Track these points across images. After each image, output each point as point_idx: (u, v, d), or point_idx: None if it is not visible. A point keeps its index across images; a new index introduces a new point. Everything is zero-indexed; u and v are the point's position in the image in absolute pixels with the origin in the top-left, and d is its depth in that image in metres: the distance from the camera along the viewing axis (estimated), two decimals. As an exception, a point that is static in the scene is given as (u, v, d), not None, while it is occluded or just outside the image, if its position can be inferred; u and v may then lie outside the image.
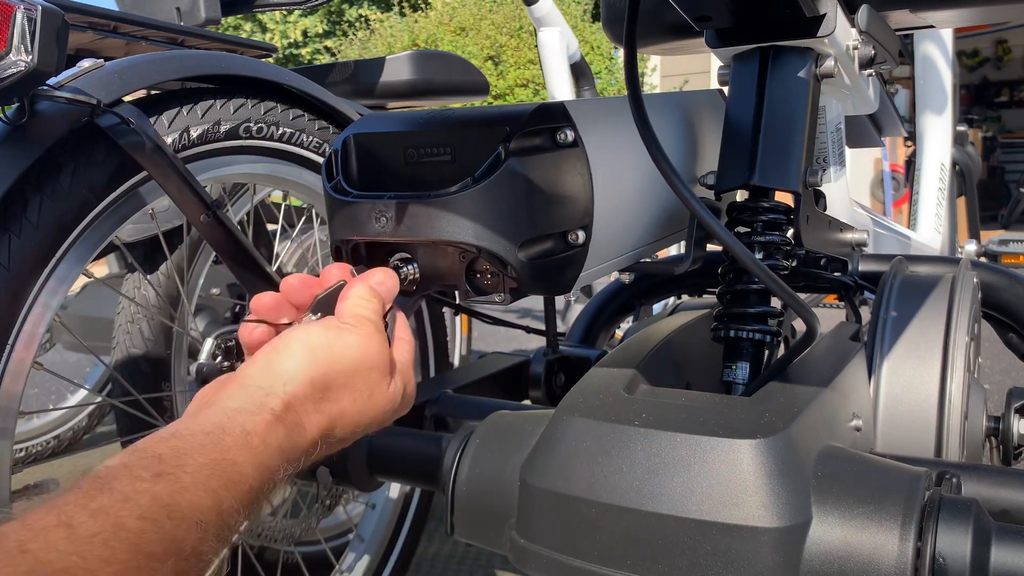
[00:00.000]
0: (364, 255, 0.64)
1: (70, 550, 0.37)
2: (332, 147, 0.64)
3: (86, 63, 0.77)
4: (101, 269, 2.08)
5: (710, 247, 0.76)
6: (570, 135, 0.59)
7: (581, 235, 0.60)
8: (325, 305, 0.59)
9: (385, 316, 0.59)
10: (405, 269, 0.62)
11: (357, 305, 0.58)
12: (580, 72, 2.26)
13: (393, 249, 0.63)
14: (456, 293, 0.63)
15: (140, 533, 0.40)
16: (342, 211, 0.62)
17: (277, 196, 1.37)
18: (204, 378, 0.73)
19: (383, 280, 0.61)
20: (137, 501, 0.41)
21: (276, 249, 1.47)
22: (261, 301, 0.58)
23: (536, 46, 2.23)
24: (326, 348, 0.54)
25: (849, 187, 1.10)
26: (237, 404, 0.51)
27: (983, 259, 1.04)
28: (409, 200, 0.58)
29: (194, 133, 0.87)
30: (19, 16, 0.62)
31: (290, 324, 0.58)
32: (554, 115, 0.59)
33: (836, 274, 0.82)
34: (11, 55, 0.63)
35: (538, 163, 0.58)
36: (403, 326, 0.63)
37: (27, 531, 0.37)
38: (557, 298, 1.18)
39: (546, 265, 0.59)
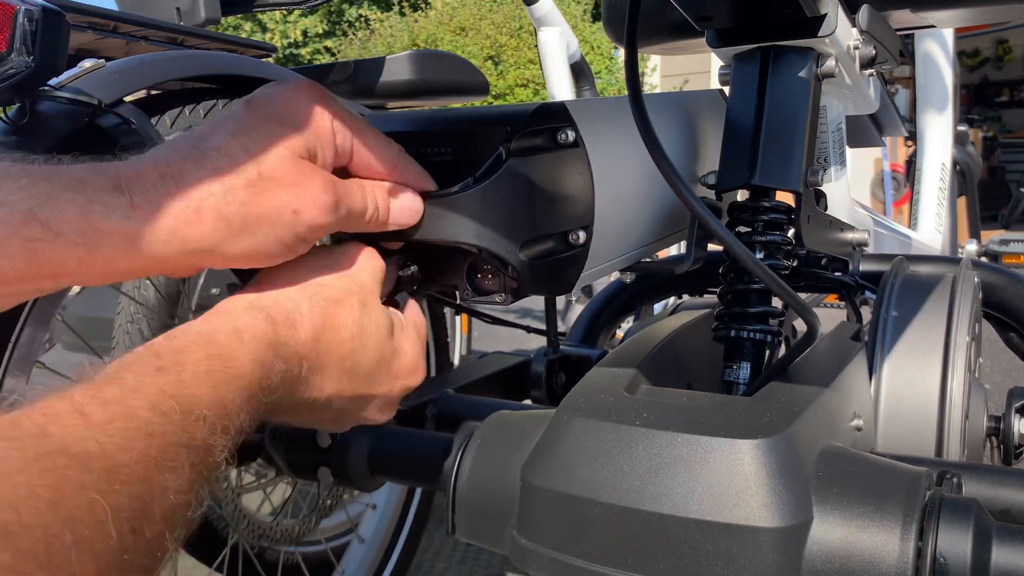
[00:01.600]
0: None
1: (87, 435, 0.37)
2: None
3: (87, 63, 0.77)
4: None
5: (711, 247, 0.76)
6: (571, 135, 0.59)
7: (582, 235, 0.60)
8: None
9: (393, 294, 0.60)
10: (406, 269, 0.62)
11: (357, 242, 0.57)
12: (580, 72, 2.26)
13: (393, 249, 0.63)
14: (457, 293, 0.63)
15: (151, 423, 0.40)
16: None
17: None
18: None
19: (394, 275, 0.61)
20: (145, 393, 0.41)
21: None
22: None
23: (536, 46, 2.23)
24: (317, 268, 0.54)
25: (850, 187, 1.10)
26: (224, 308, 0.51)
27: (984, 259, 1.04)
28: None
29: (194, 133, 0.87)
30: (20, 17, 0.63)
31: None
32: (555, 115, 0.59)
33: (837, 274, 0.82)
34: (12, 55, 0.63)
35: (539, 163, 0.58)
36: (414, 309, 0.62)
37: (43, 416, 0.37)
38: (558, 298, 1.18)
39: (547, 265, 0.59)
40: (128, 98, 0.80)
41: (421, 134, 0.60)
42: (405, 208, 0.57)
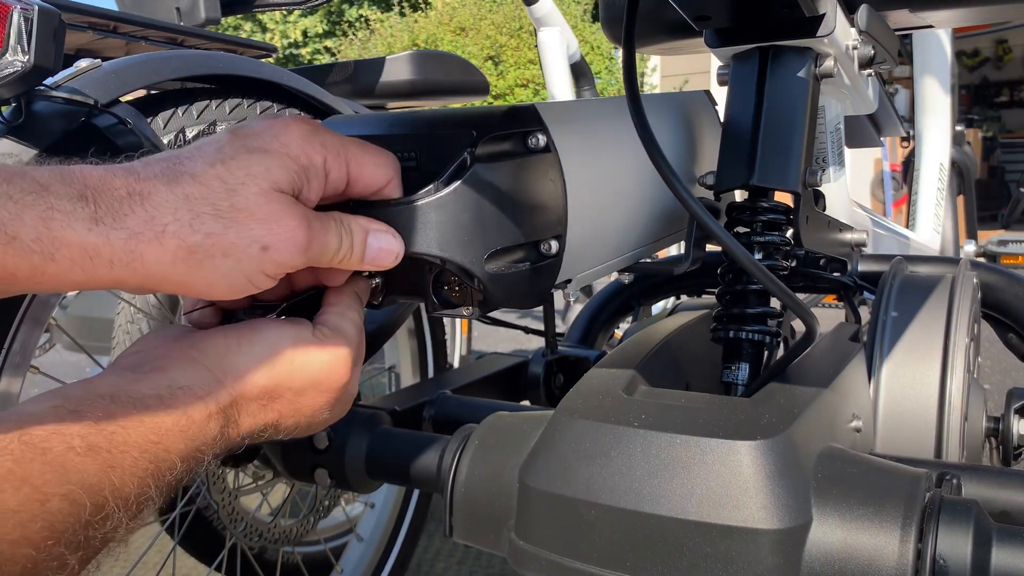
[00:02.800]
0: None
1: None
2: None
3: (83, 63, 0.76)
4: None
5: (709, 247, 0.76)
6: (542, 140, 0.57)
7: (554, 245, 0.58)
8: (297, 309, 0.56)
9: None
10: (368, 280, 0.59)
11: (340, 316, 0.55)
12: (580, 72, 2.26)
13: None
14: (423, 305, 0.60)
15: (57, 514, 0.39)
16: None
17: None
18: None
19: (364, 289, 0.58)
20: (66, 478, 0.40)
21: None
22: None
23: (536, 46, 2.23)
24: (288, 360, 0.52)
25: (849, 187, 1.10)
26: (186, 382, 0.48)
27: (982, 259, 1.04)
28: (367, 207, 0.55)
29: (190, 134, 0.87)
30: (15, 16, 0.62)
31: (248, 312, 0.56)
32: (524, 118, 0.57)
33: (835, 274, 0.82)
34: (7, 55, 0.63)
35: (507, 169, 0.55)
36: (360, 344, 0.59)
37: None
38: (557, 298, 1.18)
39: (516, 277, 0.57)
40: (125, 98, 0.79)
41: (383, 138, 0.57)
42: (383, 251, 0.54)
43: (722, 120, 0.78)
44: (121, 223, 0.44)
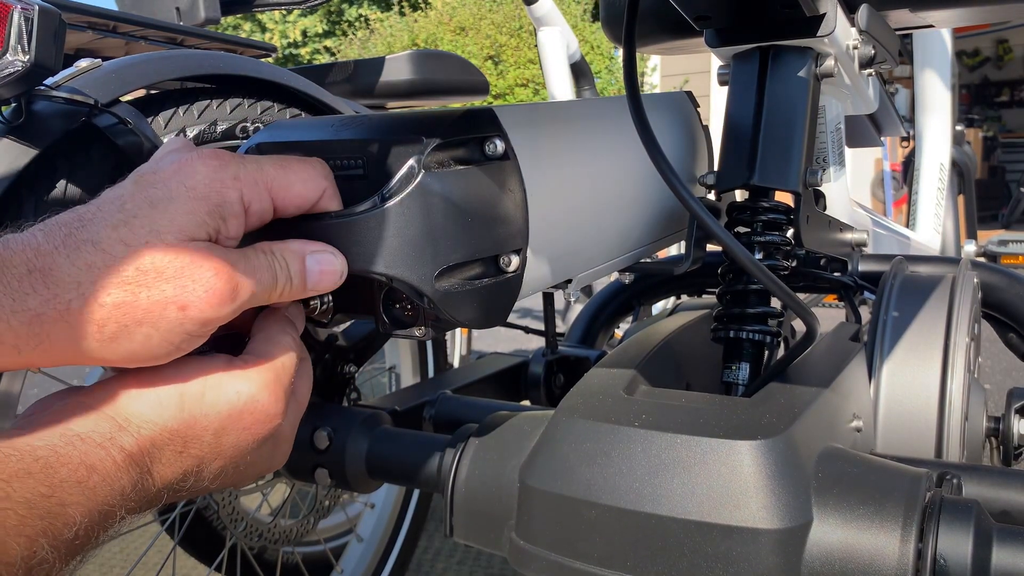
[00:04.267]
0: None
1: None
2: None
3: (83, 63, 0.76)
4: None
5: (710, 247, 0.76)
6: (499, 146, 0.53)
7: (514, 260, 0.54)
8: (228, 341, 0.52)
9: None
10: (316, 297, 0.55)
11: (267, 342, 0.50)
12: (580, 72, 2.26)
13: None
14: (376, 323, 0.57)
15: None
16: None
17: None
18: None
19: (297, 312, 0.54)
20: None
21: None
22: None
23: (536, 46, 2.23)
24: (197, 395, 0.46)
25: (849, 187, 1.10)
26: (83, 429, 0.42)
27: (982, 259, 1.04)
28: (308, 221, 0.51)
29: (190, 133, 0.87)
30: (16, 16, 0.62)
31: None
32: (480, 123, 0.53)
33: (836, 274, 0.82)
34: (8, 55, 0.63)
35: (460, 178, 0.51)
36: (305, 377, 0.55)
37: None
38: (557, 298, 1.18)
39: (472, 295, 0.53)
40: (125, 98, 0.79)
41: (328, 144, 0.54)
42: (325, 273, 0.49)
43: (707, 121, 0.79)
44: (22, 303, 0.41)
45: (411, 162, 0.50)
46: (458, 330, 1.99)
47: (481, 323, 0.55)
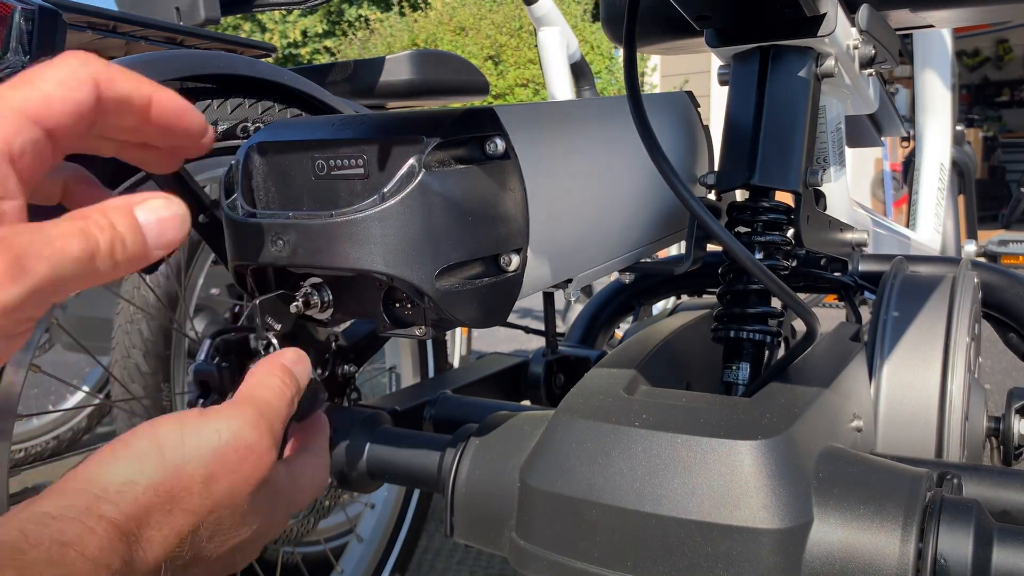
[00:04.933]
0: (271, 281, 0.58)
1: None
2: (235, 158, 0.57)
3: (83, 63, 0.76)
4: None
5: (710, 247, 0.76)
6: (500, 145, 0.53)
7: (514, 259, 0.54)
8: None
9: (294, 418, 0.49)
10: (316, 296, 0.56)
11: (253, 386, 0.47)
12: (580, 72, 2.26)
13: (304, 274, 0.57)
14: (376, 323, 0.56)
15: None
16: (236, 232, 0.55)
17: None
18: (202, 379, 0.72)
19: (296, 361, 0.51)
20: None
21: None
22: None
23: (536, 46, 2.23)
24: (177, 444, 0.42)
25: (849, 187, 1.10)
26: (53, 507, 0.37)
27: (982, 259, 1.04)
28: (309, 220, 0.51)
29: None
30: (16, 16, 0.62)
31: None
32: (481, 122, 0.53)
33: (836, 274, 0.82)
34: (8, 55, 0.63)
35: (460, 177, 0.51)
36: (321, 436, 0.52)
37: None
38: (557, 298, 1.18)
39: (472, 294, 0.53)
40: (125, 98, 0.79)
41: (331, 143, 0.53)
42: (164, 222, 0.39)
43: (707, 121, 0.78)
44: None
45: (412, 161, 0.50)
46: (458, 330, 1.98)
47: (481, 322, 0.55)
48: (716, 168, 0.73)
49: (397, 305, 0.54)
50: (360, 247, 0.50)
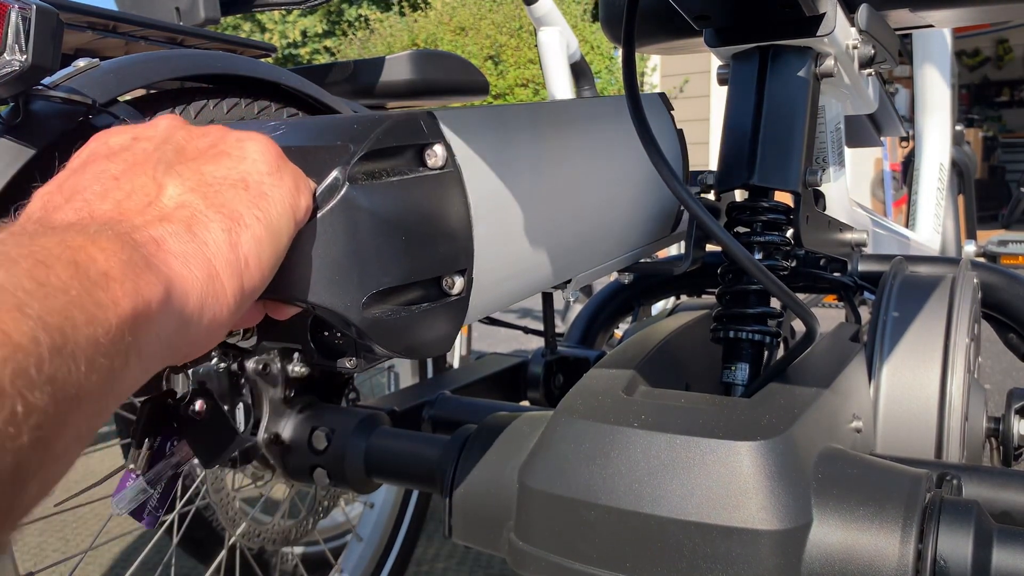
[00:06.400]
0: None
1: None
2: None
3: (81, 63, 0.76)
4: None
5: (709, 247, 0.76)
6: (440, 154, 0.48)
7: (458, 282, 0.49)
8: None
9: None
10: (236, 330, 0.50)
11: None
12: (580, 72, 2.26)
13: None
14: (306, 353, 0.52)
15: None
16: None
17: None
18: (200, 380, 0.72)
19: None
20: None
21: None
22: None
23: (536, 46, 2.22)
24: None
25: (849, 187, 1.10)
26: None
27: (982, 259, 1.03)
28: None
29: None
30: (13, 16, 0.62)
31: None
32: (418, 128, 0.48)
33: (836, 274, 0.82)
34: (5, 55, 0.63)
35: (393, 191, 0.46)
36: None
37: None
38: (556, 298, 1.18)
39: (409, 322, 0.47)
40: (123, 97, 0.79)
41: None
42: None
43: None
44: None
45: (335, 173, 0.44)
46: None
47: (421, 352, 0.49)
48: (716, 168, 0.73)
49: (326, 333, 0.50)
50: (280, 273, 0.44)
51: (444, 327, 0.50)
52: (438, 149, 0.48)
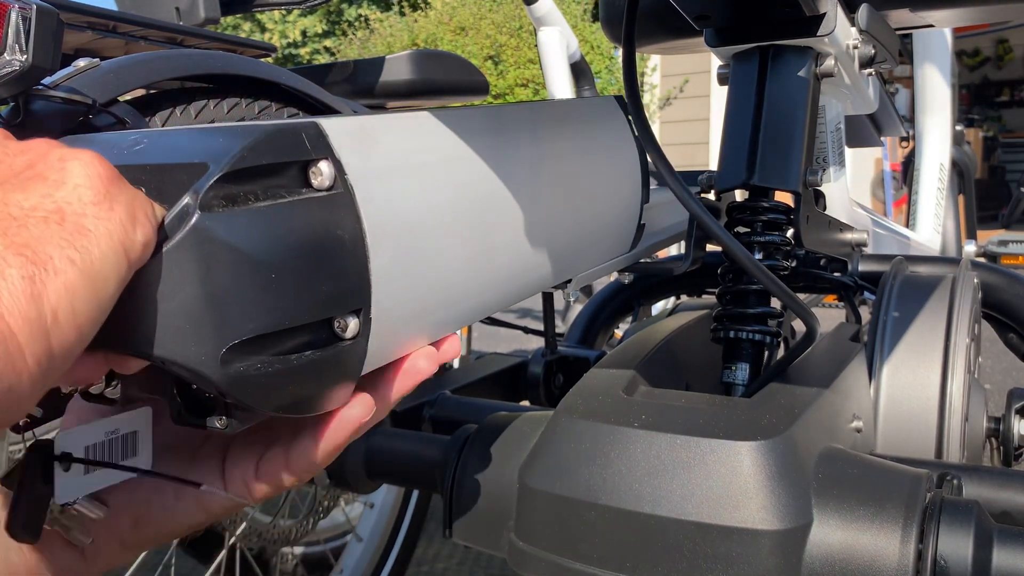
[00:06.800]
0: None
1: None
2: None
3: (81, 62, 0.76)
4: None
5: (710, 247, 0.76)
6: (327, 173, 0.40)
7: (351, 324, 0.41)
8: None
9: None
10: (100, 387, 0.44)
11: None
12: (580, 72, 2.26)
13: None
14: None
15: None
16: None
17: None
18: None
19: None
20: None
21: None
22: None
23: (536, 46, 2.23)
24: None
25: (849, 187, 1.10)
26: None
27: (982, 259, 1.04)
28: None
29: (191, 133, 0.87)
30: (13, 15, 0.62)
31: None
32: (296, 142, 0.39)
33: (836, 274, 0.82)
34: (5, 55, 0.62)
35: (260, 219, 0.38)
36: None
37: None
38: (556, 298, 1.18)
39: (285, 376, 0.39)
40: (123, 97, 0.79)
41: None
42: None
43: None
44: None
45: (186, 199, 0.36)
46: (458, 330, 1.98)
47: (305, 410, 0.42)
48: (716, 168, 0.73)
49: (194, 387, 0.41)
50: (118, 320, 0.36)
51: (335, 378, 0.42)
52: (323, 167, 0.40)
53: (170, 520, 0.47)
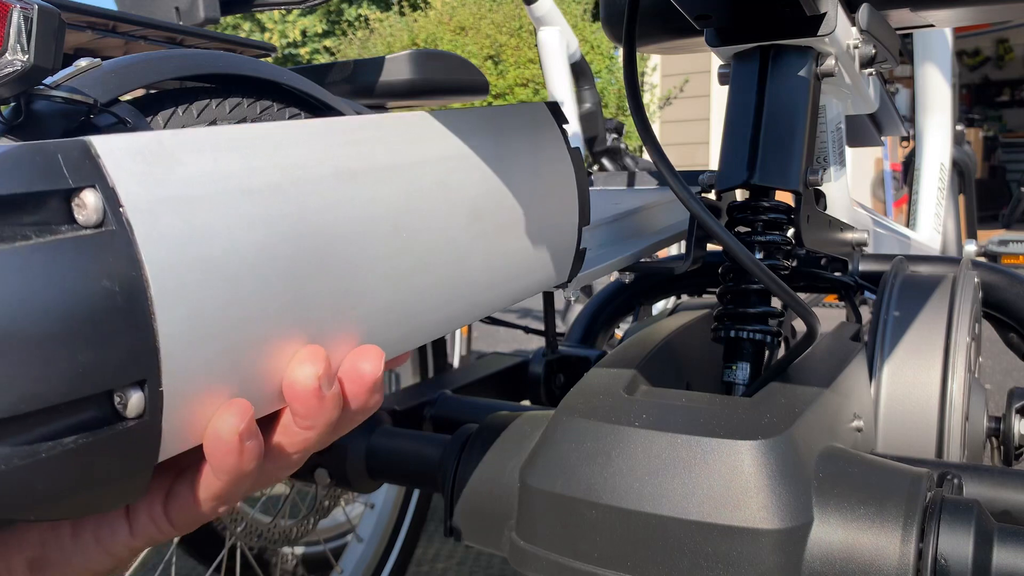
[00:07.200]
0: None
1: None
2: None
3: (82, 62, 0.76)
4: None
5: (710, 247, 0.76)
6: (93, 205, 0.32)
7: (134, 398, 0.33)
8: None
9: None
10: None
11: None
12: (580, 71, 2.27)
13: None
14: None
15: None
16: None
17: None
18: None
19: None
20: None
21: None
22: None
23: (536, 46, 2.23)
24: None
25: (849, 187, 1.10)
26: None
27: (982, 259, 1.03)
28: None
29: (192, 133, 0.87)
30: (15, 15, 0.62)
31: None
32: (51, 167, 0.31)
33: (836, 274, 0.82)
34: (7, 55, 0.63)
35: (3, 265, 0.30)
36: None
37: None
38: (557, 297, 1.18)
39: (42, 469, 0.31)
40: (124, 97, 0.79)
41: None
42: None
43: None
44: None
45: None
46: (458, 330, 1.98)
47: (78, 511, 0.34)
48: (716, 168, 0.73)
49: None
50: None
51: (120, 466, 0.34)
52: (89, 197, 0.32)
53: (67, 563, 0.42)
